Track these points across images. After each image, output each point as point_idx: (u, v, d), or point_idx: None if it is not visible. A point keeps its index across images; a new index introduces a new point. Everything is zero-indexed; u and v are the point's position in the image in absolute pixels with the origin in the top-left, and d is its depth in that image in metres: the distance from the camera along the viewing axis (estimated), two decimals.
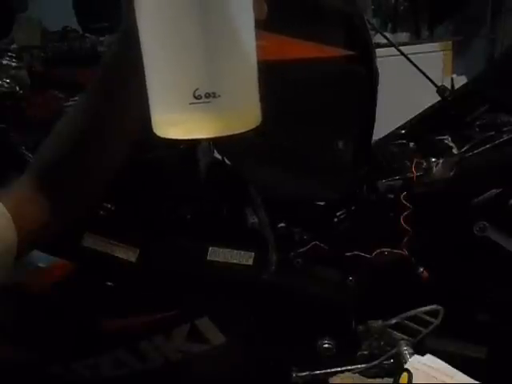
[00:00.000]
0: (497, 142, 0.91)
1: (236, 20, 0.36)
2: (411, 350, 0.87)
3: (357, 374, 0.99)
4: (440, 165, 0.93)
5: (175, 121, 0.37)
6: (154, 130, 0.39)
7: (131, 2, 0.38)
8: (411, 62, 1.08)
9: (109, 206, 0.84)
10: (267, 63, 0.41)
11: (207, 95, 0.35)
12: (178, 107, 0.36)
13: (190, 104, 0.35)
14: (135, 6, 0.37)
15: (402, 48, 1.11)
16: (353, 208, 0.97)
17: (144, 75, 0.38)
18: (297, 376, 0.93)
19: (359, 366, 0.93)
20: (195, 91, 0.35)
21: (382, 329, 0.91)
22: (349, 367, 0.94)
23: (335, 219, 0.97)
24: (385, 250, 0.91)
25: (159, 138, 0.39)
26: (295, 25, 0.83)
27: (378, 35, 1.24)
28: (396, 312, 0.91)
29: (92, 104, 0.51)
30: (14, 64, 0.95)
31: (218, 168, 0.93)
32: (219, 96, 0.35)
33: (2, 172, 0.75)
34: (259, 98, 0.40)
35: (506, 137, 0.91)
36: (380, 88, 0.91)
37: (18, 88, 0.91)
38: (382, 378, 0.98)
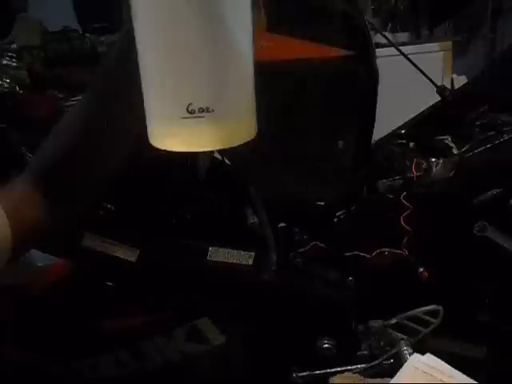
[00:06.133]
0: (497, 142, 0.91)
1: (234, 35, 0.35)
2: (411, 350, 0.87)
3: (357, 374, 0.99)
4: (440, 165, 0.93)
5: (169, 133, 0.37)
6: (150, 141, 0.39)
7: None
8: (411, 62, 1.08)
9: (109, 205, 0.84)
10: (267, 63, 0.41)
11: (201, 110, 0.35)
12: (171, 121, 0.36)
13: (183, 118, 0.35)
14: (132, 21, 0.37)
15: (402, 48, 1.10)
16: (353, 208, 0.97)
17: None
18: (297, 376, 0.93)
19: (359, 365, 0.93)
20: (188, 106, 0.35)
21: (381, 329, 0.91)
22: (349, 367, 0.94)
23: (335, 219, 0.97)
24: (385, 249, 0.91)
25: (155, 148, 0.39)
26: (295, 25, 0.83)
27: (378, 35, 1.24)
28: (396, 312, 0.91)
29: (95, 104, 0.51)
30: (14, 64, 0.95)
31: (217, 168, 0.93)
32: (213, 111, 0.35)
33: (1, 172, 0.75)
34: (258, 97, 0.39)
35: (506, 137, 0.91)
36: (380, 88, 0.91)
37: (17, 88, 0.91)
38: (382, 377, 0.98)
